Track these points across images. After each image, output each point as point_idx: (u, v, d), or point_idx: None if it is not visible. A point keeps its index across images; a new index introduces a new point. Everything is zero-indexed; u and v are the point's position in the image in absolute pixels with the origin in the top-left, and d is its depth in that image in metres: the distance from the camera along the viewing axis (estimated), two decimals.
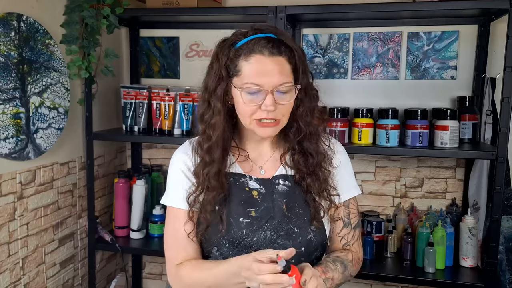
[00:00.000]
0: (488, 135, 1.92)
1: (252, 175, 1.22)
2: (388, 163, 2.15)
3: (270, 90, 1.09)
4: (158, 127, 2.09)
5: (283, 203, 1.19)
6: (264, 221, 1.17)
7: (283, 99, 1.12)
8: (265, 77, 1.09)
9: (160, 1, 1.99)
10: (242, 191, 1.20)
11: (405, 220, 2.08)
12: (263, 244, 1.16)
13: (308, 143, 1.20)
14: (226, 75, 1.13)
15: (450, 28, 2.02)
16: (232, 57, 1.12)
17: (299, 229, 1.17)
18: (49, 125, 1.82)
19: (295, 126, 1.19)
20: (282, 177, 1.22)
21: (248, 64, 1.10)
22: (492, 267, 1.71)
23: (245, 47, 1.11)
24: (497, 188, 1.67)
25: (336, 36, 2.14)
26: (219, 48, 1.16)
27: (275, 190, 1.20)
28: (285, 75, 1.11)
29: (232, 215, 1.18)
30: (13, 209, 1.69)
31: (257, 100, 1.10)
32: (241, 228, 1.17)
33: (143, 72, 2.37)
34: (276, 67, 1.10)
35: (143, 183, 2.13)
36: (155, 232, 2.17)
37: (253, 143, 1.24)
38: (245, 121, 1.15)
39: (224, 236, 1.17)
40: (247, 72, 1.10)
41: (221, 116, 1.15)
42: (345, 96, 2.14)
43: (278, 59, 1.11)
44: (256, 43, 1.11)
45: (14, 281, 1.71)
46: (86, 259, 2.13)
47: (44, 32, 1.78)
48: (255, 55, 1.10)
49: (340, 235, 1.26)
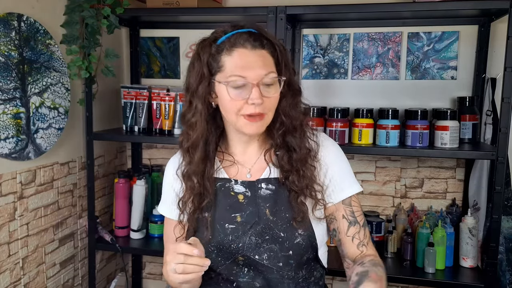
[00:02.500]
0: (488, 136, 1.92)
1: (238, 178, 1.21)
2: (388, 163, 2.15)
3: (255, 82, 1.08)
4: (158, 127, 2.09)
5: (266, 208, 1.17)
6: (249, 226, 1.16)
7: (268, 92, 1.10)
8: (249, 69, 1.08)
9: (160, 1, 1.99)
10: (228, 196, 1.19)
11: (405, 221, 2.08)
12: (248, 249, 1.15)
13: (292, 138, 1.17)
14: (208, 73, 1.12)
15: (450, 29, 2.02)
16: (214, 53, 1.11)
17: (285, 233, 1.15)
18: (49, 125, 1.82)
19: (279, 120, 1.17)
20: (265, 181, 1.19)
21: (231, 58, 1.09)
22: (492, 267, 1.71)
23: (226, 42, 1.10)
24: (497, 189, 1.67)
25: (336, 36, 2.14)
26: (199, 47, 1.15)
27: (257, 194, 1.18)
28: (268, 67, 1.10)
29: (218, 221, 1.17)
30: (13, 209, 1.69)
31: (244, 94, 1.09)
32: (226, 234, 1.16)
33: (143, 72, 2.37)
34: (259, 59, 1.09)
35: (143, 183, 2.13)
36: (155, 232, 2.17)
37: (241, 146, 1.22)
38: (232, 118, 1.12)
39: (212, 243, 1.16)
40: (230, 66, 1.09)
41: (202, 116, 1.14)
42: (345, 96, 2.14)
43: (260, 52, 1.10)
44: (237, 37, 1.10)
45: (14, 281, 1.71)
46: (86, 259, 2.13)
47: (44, 32, 1.78)
48: (238, 48, 1.09)
49: (349, 234, 1.19)
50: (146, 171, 2.27)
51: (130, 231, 2.18)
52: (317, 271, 1.24)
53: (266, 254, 1.15)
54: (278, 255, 1.15)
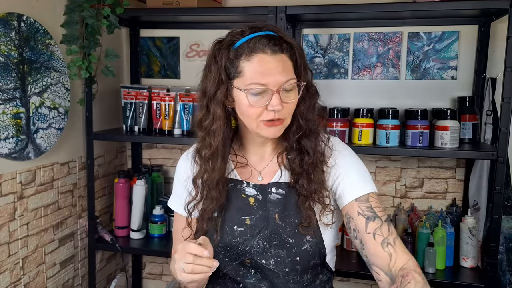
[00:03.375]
0: (488, 136, 1.92)
1: (250, 181, 1.20)
2: (388, 163, 2.15)
3: (275, 89, 1.06)
4: (158, 127, 2.09)
5: (275, 213, 1.16)
6: (257, 229, 1.15)
7: (288, 97, 1.09)
8: (269, 76, 1.05)
9: (160, 1, 1.99)
10: (239, 198, 1.18)
11: (405, 220, 2.07)
12: (256, 253, 1.14)
13: (307, 141, 1.16)
14: (226, 78, 1.09)
15: (451, 28, 2.02)
16: (232, 58, 1.08)
17: (293, 240, 1.14)
18: (49, 125, 1.82)
19: (295, 124, 1.15)
20: (275, 185, 1.18)
21: (250, 64, 1.06)
22: (492, 267, 1.71)
23: (245, 47, 1.07)
24: (497, 189, 1.67)
25: (337, 36, 2.14)
26: (216, 50, 1.12)
27: (267, 198, 1.17)
28: (288, 72, 1.08)
29: (227, 222, 1.17)
30: (13, 209, 1.69)
31: (263, 101, 1.07)
32: (235, 236, 1.15)
33: (143, 72, 2.37)
34: (279, 65, 1.06)
35: (143, 183, 2.13)
36: (155, 232, 2.17)
37: (255, 147, 1.21)
38: (252, 124, 1.11)
39: (220, 244, 1.16)
40: (250, 72, 1.06)
41: (221, 122, 1.12)
42: (345, 96, 2.14)
43: (280, 57, 1.07)
44: (257, 42, 1.07)
45: (14, 281, 1.71)
46: (86, 259, 2.13)
47: (44, 32, 1.78)
48: (258, 54, 1.06)
49: (369, 231, 1.09)
50: (146, 171, 2.27)
51: (130, 231, 2.18)
52: (323, 274, 1.23)
53: (273, 259, 1.14)
54: (285, 260, 1.14)
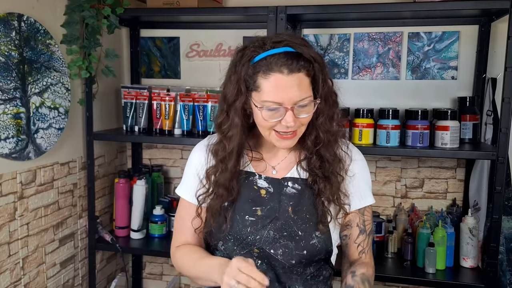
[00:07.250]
0: (488, 136, 1.92)
1: (263, 174, 1.24)
2: (388, 164, 2.15)
3: (289, 107, 1.09)
4: (159, 127, 2.09)
5: (289, 205, 1.20)
6: (268, 220, 1.19)
7: (302, 112, 1.12)
8: (284, 94, 1.08)
9: (161, 1, 1.99)
10: (251, 189, 1.23)
11: (405, 221, 2.07)
12: (265, 242, 1.18)
13: (325, 150, 1.20)
14: (245, 89, 1.13)
15: (451, 29, 2.02)
16: (251, 74, 1.11)
17: (303, 233, 1.18)
18: (50, 125, 1.82)
19: (314, 134, 1.19)
20: (292, 180, 1.23)
21: (267, 81, 1.09)
22: (493, 267, 1.71)
23: (263, 64, 1.09)
24: (497, 189, 1.67)
25: (337, 36, 2.14)
26: (237, 59, 1.16)
27: (283, 191, 1.22)
28: (304, 91, 1.10)
29: (239, 212, 1.21)
30: (14, 209, 1.69)
31: (277, 115, 1.11)
32: (245, 225, 1.20)
33: (144, 72, 2.37)
34: (295, 84, 1.09)
35: (144, 183, 2.13)
36: (156, 232, 2.17)
37: (269, 145, 1.25)
38: (265, 133, 1.17)
39: (229, 232, 1.20)
40: (266, 89, 1.10)
41: (238, 129, 1.16)
42: (345, 96, 2.08)
43: (297, 76, 1.09)
44: (274, 60, 1.08)
45: (15, 281, 1.71)
46: (86, 259, 2.13)
47: (44, 32, 1.78)
48: (274, 73, 1.08)
49: (357, 242, 1.26)
50: (146, 171, 2.27)
51: (130, 231, 2.18)
52: (326, 270, 1.27)
53: (281, 249, 1.18)
54: (293, 252, 1.18)
